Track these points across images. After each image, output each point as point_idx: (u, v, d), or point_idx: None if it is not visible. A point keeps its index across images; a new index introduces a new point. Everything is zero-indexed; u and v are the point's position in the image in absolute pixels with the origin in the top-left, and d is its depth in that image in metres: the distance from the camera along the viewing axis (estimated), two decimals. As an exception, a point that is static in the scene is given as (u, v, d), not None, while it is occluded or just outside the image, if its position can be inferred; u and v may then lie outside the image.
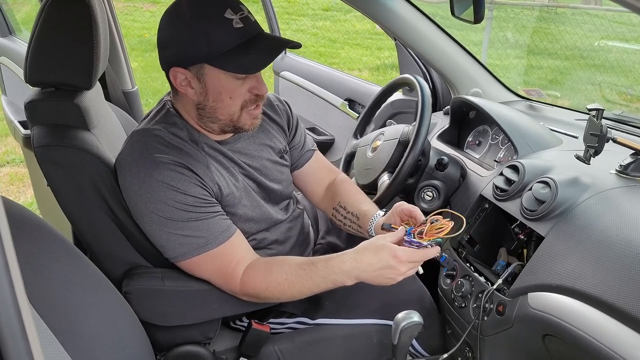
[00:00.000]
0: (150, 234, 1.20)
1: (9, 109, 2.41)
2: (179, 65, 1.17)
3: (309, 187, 1.55)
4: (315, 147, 1.55)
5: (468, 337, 1.29)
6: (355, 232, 1.43)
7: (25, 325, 0.39)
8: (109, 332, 1.00)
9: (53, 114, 1.26)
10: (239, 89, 1.18)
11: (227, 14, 1.12)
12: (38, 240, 0.91)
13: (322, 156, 1.58)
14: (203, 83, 1.17)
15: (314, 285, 1.16)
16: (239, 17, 1.13)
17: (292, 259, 1.22)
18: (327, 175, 1.55)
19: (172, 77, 1.19)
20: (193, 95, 1.19)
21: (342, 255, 1.15)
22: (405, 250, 1.09)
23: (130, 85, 2.19)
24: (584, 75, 6.81)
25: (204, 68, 1.15)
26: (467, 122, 1.81)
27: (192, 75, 1.17)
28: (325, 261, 1.15)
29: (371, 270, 1.10)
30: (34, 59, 1.24)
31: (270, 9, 2.93)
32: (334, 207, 1.47)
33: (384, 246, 1.10)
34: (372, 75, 7.09)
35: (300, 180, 1.54)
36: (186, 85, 1.19)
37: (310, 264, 1.16)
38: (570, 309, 1.04)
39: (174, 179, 1.16)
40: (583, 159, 1.21)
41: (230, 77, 1.16)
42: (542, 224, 1.19)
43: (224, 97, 1.18)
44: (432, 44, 1.87)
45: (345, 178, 1.55)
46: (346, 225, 1.45)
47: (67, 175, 1.22)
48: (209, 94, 1.18)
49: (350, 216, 1.42)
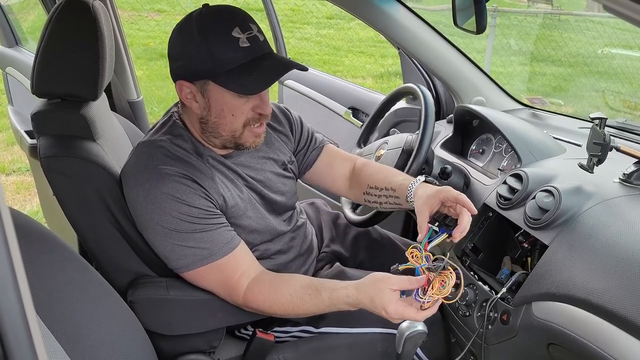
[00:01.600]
0: (154, 245, 1.21)
1: (16, 119, 2.42)
2: (185, 78, 1.18)
3: (329, 182, 1.52)
4: (324, 143, 1.52)
5: (472, 346, 1.29)
6: (394, 207, 1.36)
7: (33, 335, 0.40)
8: (114, 342, 1.00)
9: (59, 124, 1.27)
10: (242, 107, 1.18)
11: (234, 33, 1.13)
12: (44, 251, 0.92)
13: (334, 147, 1.54)
14: (207, 98, 1.18)
15: (317, 310, 1.17)
16: (246, 37, 1.14)
17: (298, 280, 1.21)
18: (344, 164, 1.51)
19: (178, 89, 1.20)
20: (197, 109, 1.20)
21: (346, 288, 1.12)
22: (397, 308, 1.04)
23: (136, 95, 2.20)
24: (588, 82, 6.81)
25: (208, 84, 1.16)
26: (470, 131, 1.81)
27: (197, 89, 1.18)
28: (330, 291, 1.13)
29: (371, 308, 1.08)
30: (40, 71, 1.26)
31: (273, 17, 2.94)
32: (364, 192, 1.41)
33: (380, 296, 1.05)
34: (376, 83, 7.11)
35: (317, 179, 1.52)
36: (191, 99, 1.19)
37: (315, 290, 1.15)
38: (574, 318, 1.04)
39: (178, 190, 1.16)
40: (586, 168, 1.21)
41: (233, 95, 1.16)
42: (545, 232, 1.19)
43: (226, 114, 1.19)
44: (435, 52, 1.88)
45: (366, 161, 1.50)
46: (382, 204, 1.38)
47: (72, 186, 1.24)
48: (212, 109, 1.19)
49: (385, 192, 1.35)
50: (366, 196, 1.41)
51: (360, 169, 1.47)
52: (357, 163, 1.50)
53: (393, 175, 1.37)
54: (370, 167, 1.46)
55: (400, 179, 1.32)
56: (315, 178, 1.52)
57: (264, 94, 1.20)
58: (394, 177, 1.35)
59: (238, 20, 1.15)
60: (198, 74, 1.15)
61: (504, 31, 8.18)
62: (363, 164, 1.49)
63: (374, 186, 1.38)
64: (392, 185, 1.33)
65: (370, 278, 1.10)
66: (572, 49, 7.54)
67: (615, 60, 7.06)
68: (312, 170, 1.50)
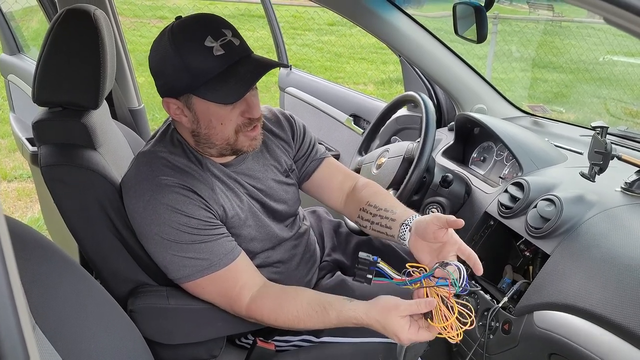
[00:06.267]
0: (154, 256, 1.20)
1: (17, 126, 2.43)
2: (169, 95, 1.17)
3: (326, 194, 1.51)
4: (326, 155, 1.51)
5: (474, 355, 1.28)
6: (381, 233, 1.32)
7: (28, 348, 0.39)
8: (114, 351, 1.00)
9: (60, 133, 1.27)
10: (229, 115, 1.17)
11: (207, 42, 1.11)
12: (43, 260, 0.92)
13: (337, 162, 1.53)
14: (193, 112, 1.17)
15: (323, 326, 1.15)
16: (219, 44, 1.11)
17: (304, 295, 1.19)
18: (345, 181, 1.50)
19: (165, 106, 1.19)
20: (187, 123, 1.20)
21: (354, 311, 1.10)
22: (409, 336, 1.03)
23: (137, 103, 2.20)
24: (589, 89, 6.81)
25: (192, 98, 1.15)
26: (471, 139, 1.81)
27: (182, 104, 1.17)
28: (338, 312, 1.12)
29: (382, 332, 1.07)
30: (41, 79, 1.26)
31: (275, 23, 2.95)
32: (361, 208, 1.39)
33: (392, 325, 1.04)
34: (377, 90, 7.12)
35: (314, 190, 1.51)
36: (180, 114, 1.19)
37: (322, 308, 1.14)
38: (576, 328, 1.03)
39: (178, 201, 1.16)
40: (588, 177, 1.21)
41: (217, 105, 1.15)
42: (547, 241, 1.19)
43: (215, 124, 1.18)
44: (435, 60, 1.88)
45: (369, 181, 1.48)
46: (373, 225, 1.35)
47: (73, 194, 1.23)
48: (200, 122, 1.18)
49: (384, 212, 1.32)
50: (362, 212, 1.39)
51: (362, 187, 1.46)
52: (359, 181, 1.49)
53: (397, 202, 1.35)
54: (374, 187, 1.44)
55: (403, 209, 1.30)
56: (312, 190, 1.51)
57: (250, 98, 1.19)
58: (398, 205, 1.33)
59: (210, 29, 1.13)
60: (179, 89, 1.15)
61: (505, 38, 8.21)
62: (367, 183, 1.47)
63: (374, 205, 1.36)
64: (393, 209, 1.30)
65: (379, 306, 1.08)
66: (574, 56, 7.56)
67: (616, 67, 7.07)
68: (310, 181, 1.49)
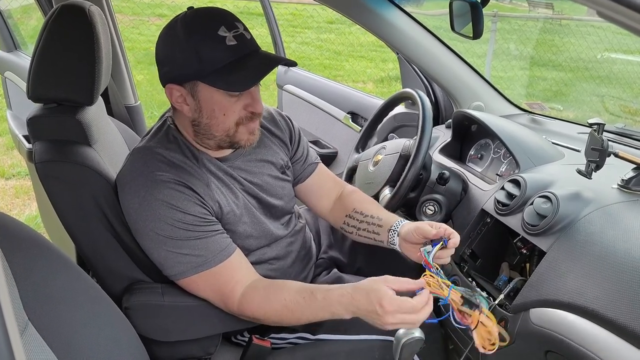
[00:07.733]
0: (149, 252, 1.20)
1: (14, 123, 2.43)
2: (174, 82, 1.17)
3: (314, 199, 1.53)
4: (318, 160, 1.54)
5: (470, 352, 1.28)
6: (368, 238, 1.37)
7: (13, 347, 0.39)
8: (108, 349, 0.99)
9: (55, 129, 1.27)
10: (233, 106, 1.18)
11: (220, 32, 1.12)
12: (37, 257, 0.91)
13: (327, 169, 1.56)
14: (197, 100, 1.18)
15: (312, 315, 1.14)
16: (232, 35, 1.13)
17: (292, 285, 1.19)
18: (333, 187, 1.53)
19: (168, 93, 1.19)
20: (188, 111, 1.20)
21: (341, 288, 1.12)
22: (392, 302, 1.02)
23: (133, 100, 2.20)
24: (588, 87, 6.81)
25: (197, 85, 1.16)
26: (469, 136, 1.80)
27: (186, 92, 1.17)
28: (325, 292, 1.12)
29: (363, 310, 1.06)
30: (36, 75, 1.25)
31: (273, 21, 2.95)
32: (347, 214, 1.43)
33: (376, 291, 1.04)
34: (376, 88, 7.12)
35: (304, 194, 1.53)
36: (182, 102, 1.19)
37: (309, 293, 1.14)
38: (572, 325, 1.03)
39: (174, 197, 1.16)
40: (584, 174, 1.20)
41: (223, 94, 1.16)
42: (543, 239, 1.18)
43: (218, 114, 1.18)
44: (433, 58, 1.87)
45: (355, 189, 1.53)
46: (360, 231, 1.39)
47: (68, 191, 1.23)
48: (202, 110, 1.18)
49: (370, 219, 1.36)
50: (347, 219, 1.43)
51: (349, 194, 1.50)
52: (346, 188, 1.53)
53: (381, 209, 1.42)
54: (360, 194, 1.50)
55: (388, 215, 1.36)
56: (301, 194, 1.53)
57: (255, 92, 1.20)
58: (382, 211, 1.40)
59: (223, 20, 1.14)
60: (186, 75, 1.15)
61: (504, 36, 8.20)
62: (353, 190, 1.52)
63: (360, 211, 1.41)
64: (379, 215, 1.37)
65: (368, 279, 1.10)
66: (573, 54, 7.55)
67: (615, 65, 7.07)
68: (302, 185, 1.51)
